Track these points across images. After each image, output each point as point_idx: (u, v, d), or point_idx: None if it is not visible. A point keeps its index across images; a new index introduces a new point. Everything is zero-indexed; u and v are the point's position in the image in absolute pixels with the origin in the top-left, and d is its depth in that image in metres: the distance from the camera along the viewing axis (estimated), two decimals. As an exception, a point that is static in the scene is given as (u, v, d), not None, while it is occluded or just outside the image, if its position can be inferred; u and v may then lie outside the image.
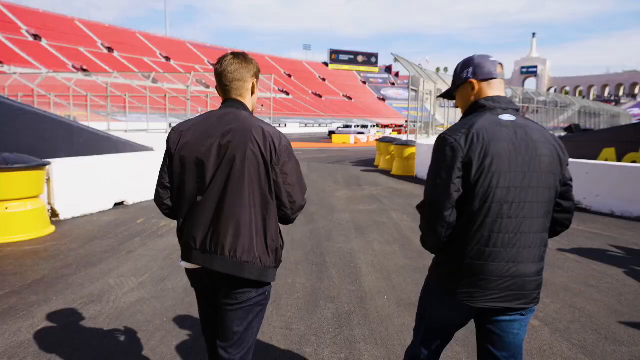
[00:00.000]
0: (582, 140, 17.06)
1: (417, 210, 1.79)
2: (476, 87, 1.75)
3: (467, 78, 1.78)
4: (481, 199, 1.60)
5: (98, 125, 24.26)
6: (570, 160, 1.89)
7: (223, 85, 1.88)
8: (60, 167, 6.83)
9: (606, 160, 11.76)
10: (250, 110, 1.92)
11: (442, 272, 1.76)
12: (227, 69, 1.85)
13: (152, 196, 2.07)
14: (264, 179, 1.76)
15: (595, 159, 11.53)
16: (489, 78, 1.74)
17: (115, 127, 22.45)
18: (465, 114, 1.78)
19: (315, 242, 5.74)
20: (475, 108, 1.74)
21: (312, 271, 4.63)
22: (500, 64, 1.78)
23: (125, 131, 20.59)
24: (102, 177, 7.55)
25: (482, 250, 1.62)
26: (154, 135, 19.71)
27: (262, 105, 38.70)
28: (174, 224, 6.63)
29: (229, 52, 1.93)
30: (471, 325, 1.85)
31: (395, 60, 15.65)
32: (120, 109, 22.22)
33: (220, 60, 1.87)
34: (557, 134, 25.49)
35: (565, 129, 29.20)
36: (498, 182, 1.59)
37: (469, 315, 1.75)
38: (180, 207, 1.84)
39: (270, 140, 1.77)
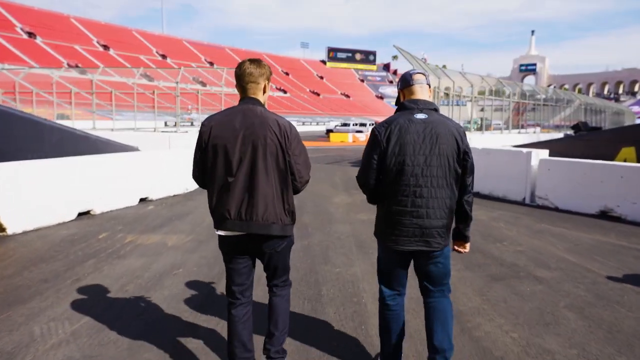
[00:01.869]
0: (597, 139, 16.03)
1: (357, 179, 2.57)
2: (403, 95, 2.55)
3: (398, 89, 2.60)
4: (395, 173, 2.36)
5: (84, 123, 23.22)
6: (599, 162, 6.76)
7: (241, 85, 2.36)
8: (6, 172, 5.77)
9: (625, 160, 10.84)
10: (264, 105, 2.39)
11: (378, 226, 2.55)
12: (245, 72, 2.35)
13: (125, 202, 5.25)
14: (281, 160, 2.32)
15: (612, 159, 10.59)
16: (406, 86, 2.51)
17: (102, 126, 21.40)
18: (396, 111, 2.53)
19: (309, 265, 4.71)
20: (400, 107, 2.51)
21: (304, 309, 3.61)
22: (422, 74, 2.53)
23: (112, 130, 19.54)
24: (63, 183, 6.49)
25: (398, 210, 2.38)
26: (141, 134, 18.63)
27: None
28: (141, 239, 5.71)
29: (248, 58, 2.41)
30: None
31: (393, 59, 14.69)
32: (113, 107, 21.10)
33: (240, 65, 2.38)
34: (563, 133, 24.64)
35: (572, 127, 28.24)
36: (405, 161, 2.33)
37: (401, 256, 2.49)
38: (213, 186, 2.34)
39: (284, 130, 2.32)
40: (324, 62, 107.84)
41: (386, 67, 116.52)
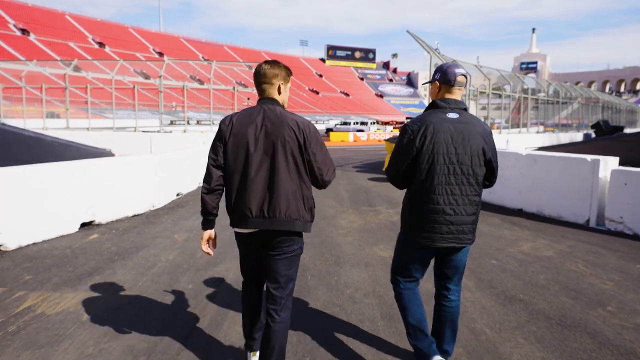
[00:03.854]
0: (636, 142, 14.28)
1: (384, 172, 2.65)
2: (439, 88, 2.52)
3: (435, 79, 2.54)
4: (427, 171, 2.38)
5: (57, 122, 21.22)
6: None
7: (259, 85, 2.42)
8: None
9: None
10: (282, 105, 2.42)
11: (408, 223, 2.53)
12: (259, 72, 2.38)
13: (58, 230, 4.53)
14: (299, 158, 2.31)
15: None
16: (447, 84, 2.48)
17: (77, 125, 19.39)
18: (427, 108, 2.54)
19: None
20: (432, 105, 2.51)
21: None
22: (464, 75, 2.51)
23: (88, 129, 17.54)
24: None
25: (430, 207, 2.39)
26: (121, 134, 16.61)
27: (248, 99, 36.26)
28: (46, 305, 3.46)
29: (268, 59, 2.46)
30: None
31: (392, 57, 12.68)
32: (89, 105, 19.10)
33: (260, 65, 2.40)
34: (583, 132, 22.62)
35: (592, 126, 26.26)
36: (438, 159, 2.36)
37: (431, 253, 2.53)
38: (232, 184, 2.32)
39: (303, 129, 2.32)
40: (323, 60, 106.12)
41: (386, 65, 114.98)
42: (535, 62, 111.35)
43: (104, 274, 4.32)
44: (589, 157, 6.58)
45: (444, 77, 2.47)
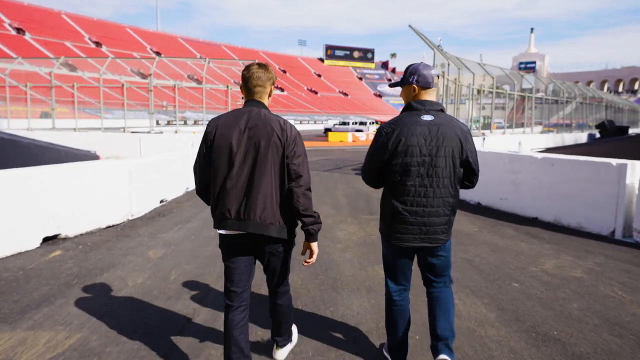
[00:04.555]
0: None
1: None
2: (416, 91, 2.49)
3: (411, 82, 2.49)
4: (401, 174, 2.40)
5: (45, 122, 20.48)
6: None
7: (248, 88, 2.40)
8: None
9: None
10: (267, 108, 2.43)
11: (383, 224, 2.59)
12: (254, 75, 2.38)
13: (14, 246, 4.32)
14: (281, 161, 2.31)
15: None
16: (426, 87, 2.48)
17: (67, 125, 18.66)
18: (402, 110, 2.55)
19: None
20: (407, 108, 2.51)
21: None
22: (438, 76, 2.69)
23: (75, 130, 16.82)
24: None
25: (403, 209, 2.42)
26: (109, 135, 15.87)
27: (242, 98, 35.80)
28: None
29: (255, 62, 2.48)
30: None
31: (391, 57, 12.08)
32: (75, 105, 18.37)
33: (248, 67, 2.41)
34: (587, 132, 21.96)
35: (597, 126, 25.65)
36: (411, 162, 2.37)
37: (405, 252, 2.56)
38: (215, 185, 2.33)
39: (286, 130, 2.33)
40: (321, 60, 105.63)
41: (384, 65, 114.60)
42: (534, 62, 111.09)
43: (54, 304, 3.61)
44: (614, 161, 5.90)
45: (422, 80, 2.47)
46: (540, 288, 4.08)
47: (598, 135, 25.18)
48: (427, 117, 2.41)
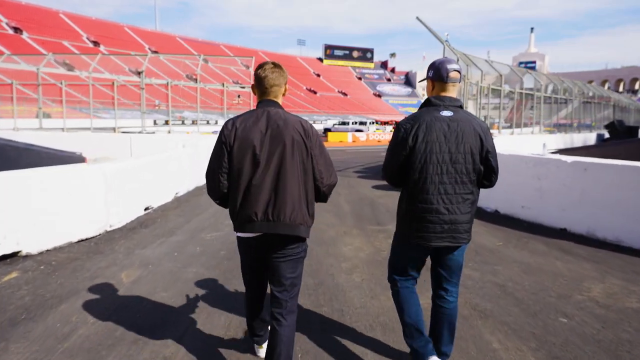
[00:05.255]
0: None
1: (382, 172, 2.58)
2: (433, 85, 2.45)
3: (428, 77, 2.46)
4: (421, 170, 2.34)
5: (30, 122, 19.64)
6: None
7: (264, 87, 2.35)
8: None
9: None
10: (282, 107, 2.39)
11: (402, 222, 2.50)
12: (269, 75, 2.34)
13: None
14: (306, 160, 2.28)
15: None
16: (440, 81, 2.40)
17: (57, 125, 17.85)
18: (421, 106, 2.48)
19: None
20: (426, 103, 2.45)
21: None
22: (458, 71, 2.40)
23: (63, 130, 16.03)
24: None
25: (424, 207, 2.35)
26: (99, 135, 15.08)
27: (239, 96, 35.21)
28: None
29: (269, 61, 2.42)
30: None
31: (391, 56, 11.37)
32: (64, 103, 17.59)
33: (263, 67, 2.36)
34: (595, 132, 21.18)
35: (606, 126, 24.86)
36: (431, 159, 2.32)
37: (425, 252, 2.49)
38: (238, 188, 2.25)
39: (308, 130, 2.30)
40: (320, 59, 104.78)
41: (384, 64, 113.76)
42: (534, 62, 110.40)
43: (-15, 353, 2.85)
44: (661, 167, 5.14)
45: (436, 74, 2.42)
46: (596, 325, 3.32)
47: (607, 136, 24.41)
48: (446, 113, 2.36)
